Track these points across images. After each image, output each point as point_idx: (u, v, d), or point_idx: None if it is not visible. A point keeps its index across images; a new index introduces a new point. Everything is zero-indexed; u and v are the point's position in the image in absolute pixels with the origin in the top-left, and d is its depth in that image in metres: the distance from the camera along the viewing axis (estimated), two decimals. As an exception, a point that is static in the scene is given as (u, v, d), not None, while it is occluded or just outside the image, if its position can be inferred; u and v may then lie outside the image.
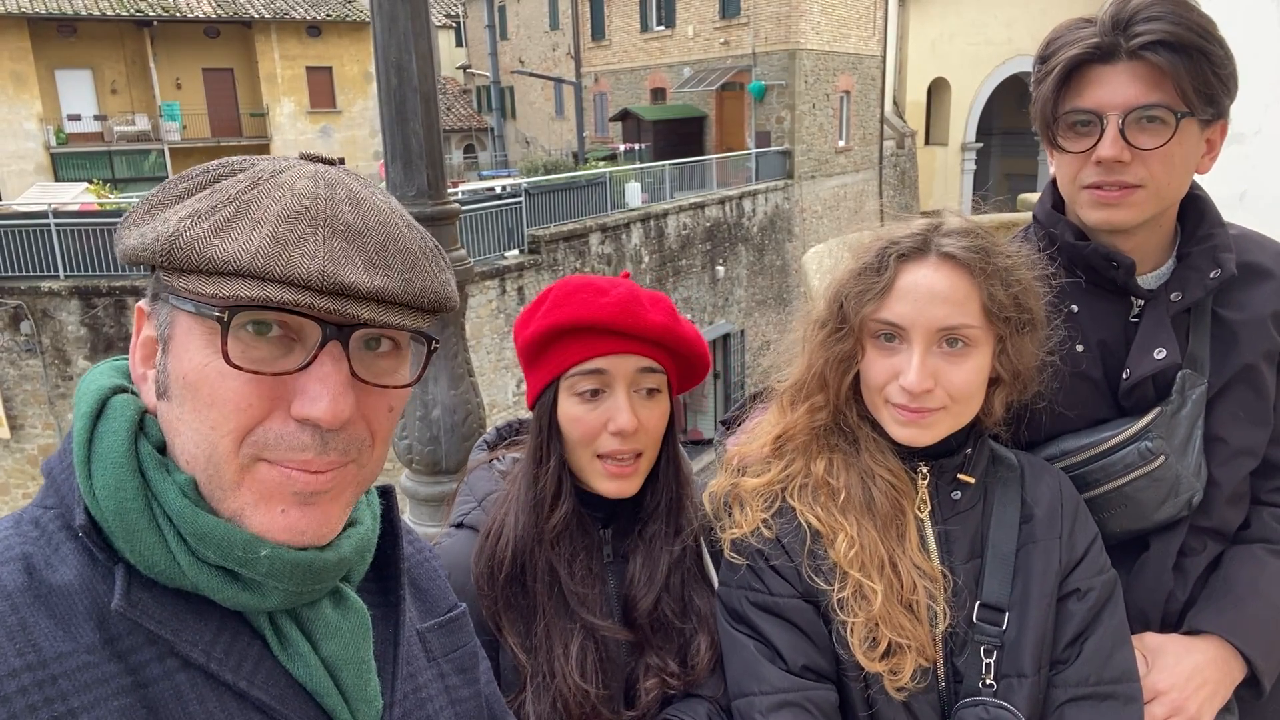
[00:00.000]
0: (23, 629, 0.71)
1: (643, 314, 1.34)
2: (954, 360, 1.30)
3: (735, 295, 22.44)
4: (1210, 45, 1.35)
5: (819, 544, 1.36)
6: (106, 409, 0.80)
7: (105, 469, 0.76)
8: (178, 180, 0.81)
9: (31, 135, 26.95)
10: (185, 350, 0.77)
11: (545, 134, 35.63)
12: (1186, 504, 1.49)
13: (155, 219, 0.78)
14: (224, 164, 0.82)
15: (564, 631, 1.36)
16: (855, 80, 28.38)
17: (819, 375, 1.41)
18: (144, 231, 0.78)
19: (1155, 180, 1.39)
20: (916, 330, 1.30)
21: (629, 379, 1.36)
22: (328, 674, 0.83)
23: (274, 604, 0.80)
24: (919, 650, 1.30)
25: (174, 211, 0.77)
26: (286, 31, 30.44)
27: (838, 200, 27.52)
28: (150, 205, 0.80)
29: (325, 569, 0.81)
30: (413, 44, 2.75)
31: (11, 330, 13.75)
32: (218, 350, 0.75)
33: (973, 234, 1.33)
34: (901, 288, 1.31)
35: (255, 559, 0.77)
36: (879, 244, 1.35)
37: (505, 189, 17.75)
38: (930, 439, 1.34)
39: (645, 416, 1.37)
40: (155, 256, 0.75)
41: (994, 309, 1.30)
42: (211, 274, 0.74)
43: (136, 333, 0.84)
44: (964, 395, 1.31)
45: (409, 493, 3.14)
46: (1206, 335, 1.50)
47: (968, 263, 1.29)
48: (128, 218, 0.81)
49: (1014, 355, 1.34)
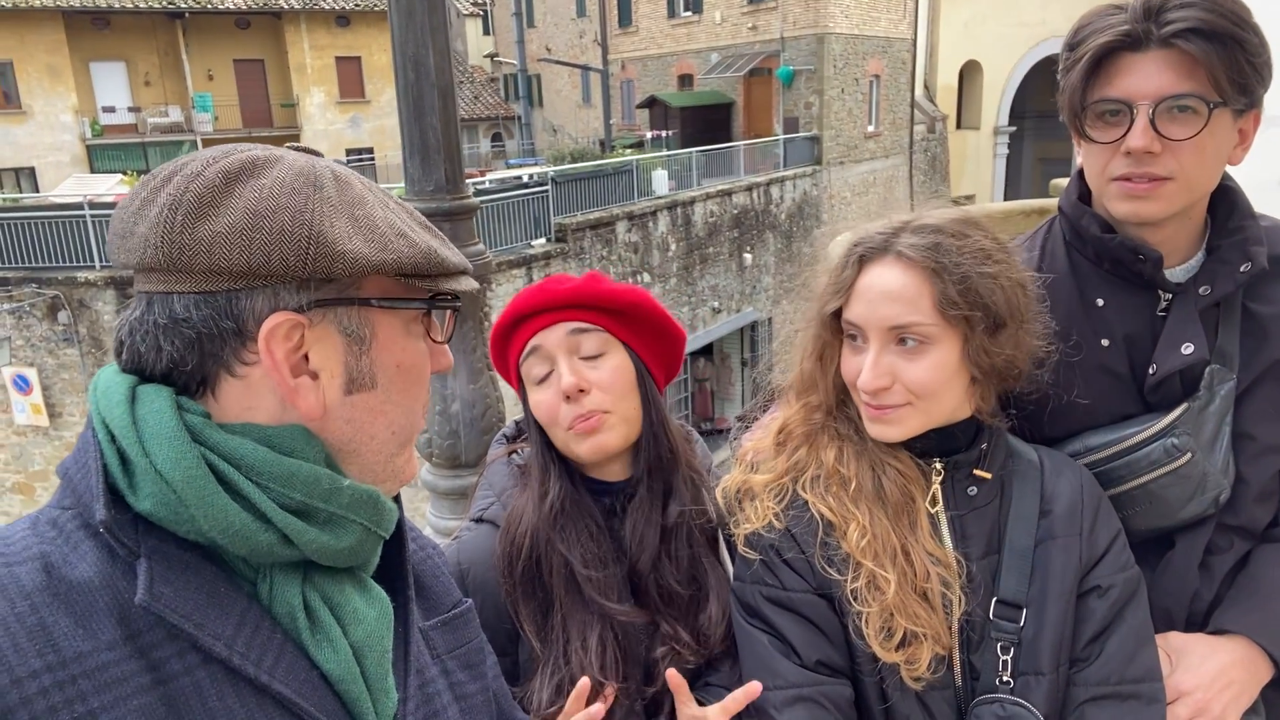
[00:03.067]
0: (42, 629, 0.71)
1: (555, 286, 1.44)
2: (910, 358, 1.31)
3: (763, 283, 22.32)
4: (1244, 32, 1.31)
5: (831, 535, 1.36)
6: (138, 395, 0.81)
7: (162, 445, 0.77)
8: (308, 187, 0.83)
9: (67, 127, 27.40)
10: (393, 343, 0.89)
11: (572, 122, 35.60)
12: (1213, 501, 1.46)
13: (352, 227, 0.84)
14: (258, 159, 0.84)
15: (581, 624, 1.37)
16: (885, 64, 28.02)
17: (809, 372, 1.44)
18: (374, 241, 0.84)
19: (1186, 172, 1.36)
20: (870, 329, 1.33)
21: (565, 345, 1.42)
22: (355, 661, 0.85)
23: (348, 543, 0.85)
24: (935, 638, 1.29)
25: (382, 222, 0.86)
26: (316, 21, 30.65)
27: (867, 186, 27.24)
28: (329, 211, 0.82)
29: (389, 511, 0.90)
30: (430, 38, 2.75)
31: (49, 320, 14.02)
32: (415, 334, 0.92)
33: (935, 231, 1.33)
34: (859, 288, 1.34)
35: (339, 489, 0.84)
36: (848, 243, 1.38)
37: (532, 178, 17.75)
38: (899, 435, 1.35)
39: (594, 376, 1.41)
40: (428, 266, 0.88)
41: (947, 306, 1.29)
42: (448, 275, 0.92)
43: (269, 351, 0.81)
44: (926, 392, 1.32)
45: (429, 486, 3.16)
46: (1236, 330, 1.46)
47: (918, 261, 1.30)
48: (324, 227, 0.81)
49: (983, 352, 1.32)
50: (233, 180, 0.80)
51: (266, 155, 0.85)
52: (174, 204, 0.79)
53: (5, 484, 14.85)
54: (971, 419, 1.39)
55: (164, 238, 0.78)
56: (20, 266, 14.06)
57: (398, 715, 0.89)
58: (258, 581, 0.83)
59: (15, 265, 14.09)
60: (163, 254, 0.78)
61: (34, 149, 26.94)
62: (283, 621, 0.83)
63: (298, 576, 0.84)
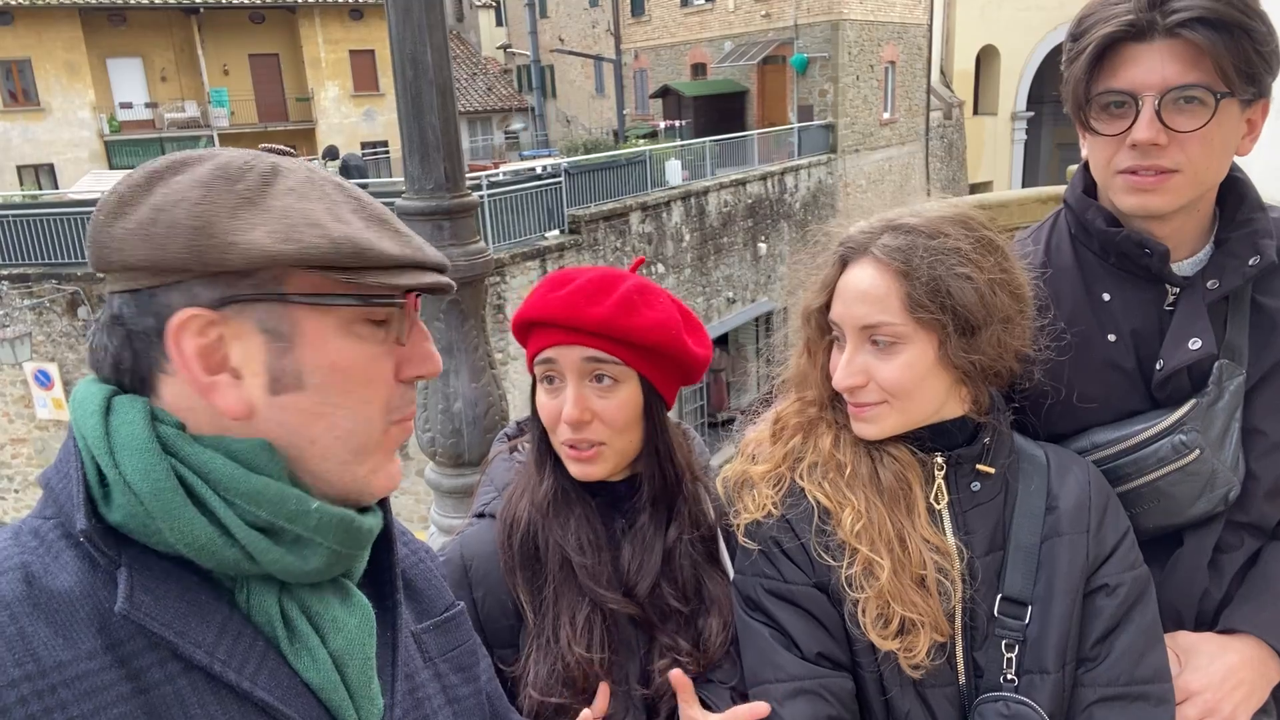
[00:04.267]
0: (21, 639, 0.72)
1: (583, 307, 1.36)
2: (883, 357, 1.32)
3: (778, 272, 22.24)
4: (1252, 21, 1.28)
5: (827, 521, 1.36)
6: (113, 406, 0.82)
7: (132, 456, 0.78)
8: (219, 180, 0.81)
9: (85, 124, 27.67)
10: (324, 341, 0.84)
11: (585, 112, 35.55)
12: (1223, 499, 1.43)
13: (260, 218, 0.80)
14: (228, 160, 0.84)
15: (572, 603, 1.38)
16: (900, 50, 27.79)
17: (801, 368, 1.46)
18: (276, 231, 0.79)
19: (1193, 164, 1.33)
20: (845, 328, 1.35)
21: (577, 368, 1.38)
22: (335, 669, 0.84)
23: (315, 566, 0.83)
24: (933, 626, 1.29)
25: (295, 213, 0.81)
26: (329, 15, 30.76)
27: (883, 174, 27.06)
28: (239, 199, 0.80)
29: (361, 531, 0.88)
30: (428, 36, 2.75)
31: (70, 315, 14.19)
32: (355, 334, 0.85)
33: (911, 232, 1.32)
34: (839, 287, 1.36)
35: (306, 512, 0.82)
36: (835, 242, 1.39)
37: (545, 169, 17.74)
38: (877, 433, 1.36)
39: (600, 407, 1.38)
40: (342, 258, 0.81)
41: (915, 308, 1.29)
42: (391, 269, 0.85)
43: (176, 346, 0.81)
44: (900, 391, 1.32)
45: (432, 485, 3.18)
46: (1245, 324, 1.43)
47: (887, 262, 1.30)
48: (222, 222, 0.79)
49: (961, 350, 1.31)
50: (155, 179, 0.81)
51: (200, 154, 0.85)
52: (103, 205, 0.82)
53: (29, 478, 15.05)
54: (965, 416, 1.38)
55: (92, 238, 0.82)
56: (41, 262, 14.22)
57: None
58: (235, 591, 0.83)
59: (36, 261, 14.25)
60: (92, 254, 0.82)
61: (53, 146, 27.22)
62: (263, 629, 0.83)
63: (274, 586, 0.84)
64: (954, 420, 1.37)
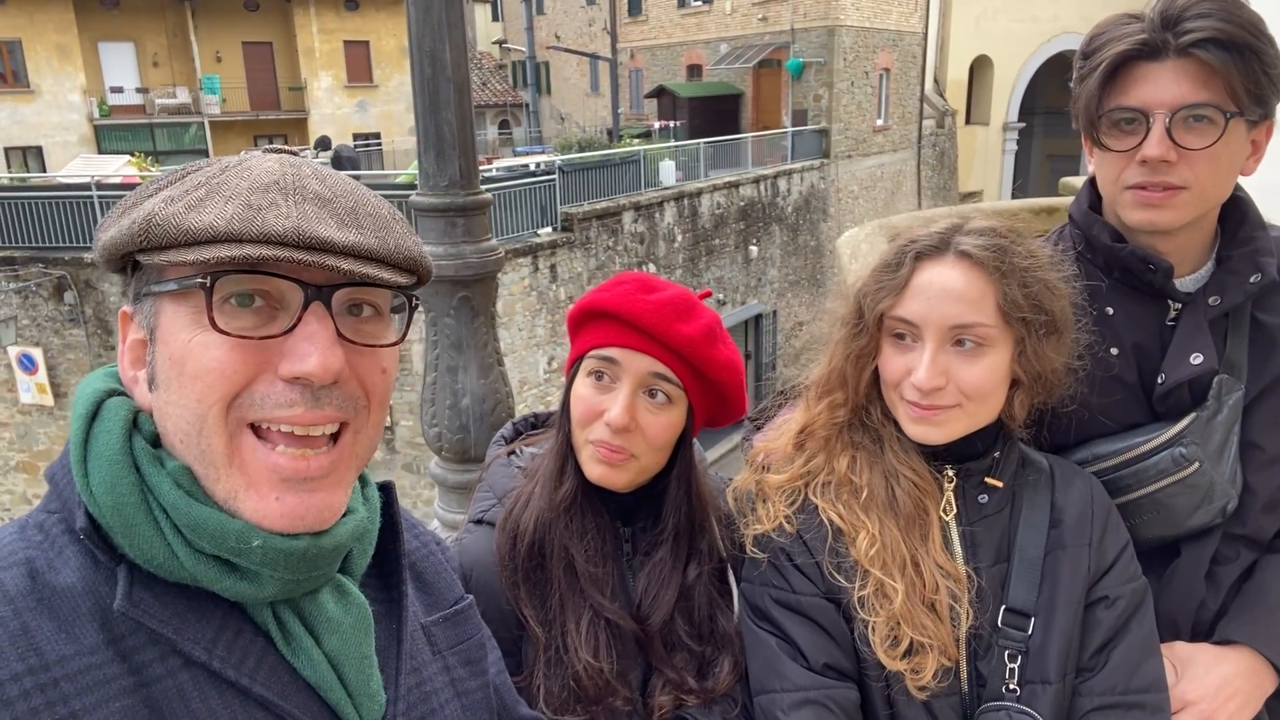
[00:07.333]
0: (25, 633, 0.72)
1: (672, 321, 1.34)
2: (967, 359, 1.30)
3: (768, 275, 22.29)
4: (1261, 43, 1.31)
5: (840, 542, 1.36)
6: (101, 410, 0.82)
7: (100, 466, 0.78)
8: (149, 183, 0.85)
9: (75, 107, 27.41)
10: (171, 333, 0.80)
11: (580, 110, 35.49)
12: (1220, 511, 1.46)
13: (132, 213, 0.81)
14: (192, 164, 0.87)
15: (576, 608, 1.37)
16: (895, 57, 27.89)
17: (839, 371, 1.42)
18: (122, 224, 0.81)
19: (1200, 181, 1.36)
20: (929, 327, 1.30)
21: (638, 377, 1.36)
22: (331, 669, 0.84)
23: (271, 593, 0.81)
24: (941, 650, 1.30)
25: (149, 202, 0.81)
26: (324, 5, 30.58)
27: (875, 180, 27.14)
28: (125, 206, 0.84)
29: (320, 556, 0.82)
30: (446, 34, 2.75)
31: (55, 300, 14.06)
32: (203, 325, 0.77)
33: (994, 233, 1.32)
34: (916, 285, 1.32)
35: (248, 549, 0.78)
36: (900, 241, 1.36)
37: (539, 166, 17.72)
38: (943, 437, 1.33)
39: (646, 421, 1.36)
40: (134, 238, 0.77)
41: (1010, 309, 1.28)
42: (190, 244, 0.76)
43: (123, 338, 0.87)
44: (978, 394, 1.30)
45: (438, 480, 3.18)
46: (1245, 340, 1.46)
47: (983, 261, 1.29)
48: (105, 221, 0.84)
49: (1034, 358, 1.32)
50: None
51: (237, 155, 0.87)
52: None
53: (10, 463, 14.92)
54: (994, 425, 1.38)
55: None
56: (27, 246, 14.09)
57: (386, 716, 0.89)
58: None
59: (22, 245, 14.12)
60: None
61: (41, 128, 26.96)
62: (262, 626, 0.83)
63: None
64: (984, 429, 1.37)
